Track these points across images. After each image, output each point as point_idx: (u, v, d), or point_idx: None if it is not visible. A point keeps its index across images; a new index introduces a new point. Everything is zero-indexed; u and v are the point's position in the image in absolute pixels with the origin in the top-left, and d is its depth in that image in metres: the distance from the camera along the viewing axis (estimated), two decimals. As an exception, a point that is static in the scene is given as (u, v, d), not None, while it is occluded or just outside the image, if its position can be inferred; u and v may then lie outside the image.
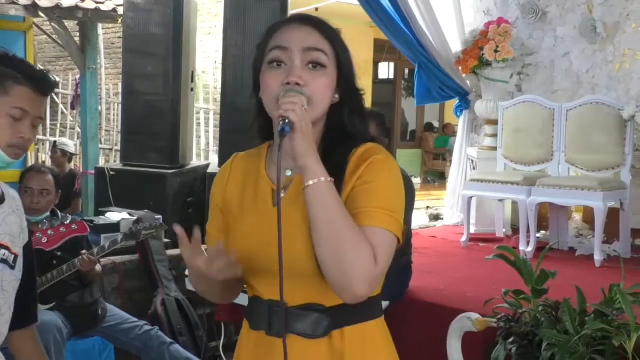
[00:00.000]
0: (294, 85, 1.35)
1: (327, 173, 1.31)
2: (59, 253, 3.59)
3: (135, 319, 3.87)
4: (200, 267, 1.37)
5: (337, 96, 1.43)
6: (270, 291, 1.39)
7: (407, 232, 3.38)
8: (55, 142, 7.61)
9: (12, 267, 1.60)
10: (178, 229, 1.40)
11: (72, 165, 7.59)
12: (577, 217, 5.45)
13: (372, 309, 1.43)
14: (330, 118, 1.44)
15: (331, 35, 1.42)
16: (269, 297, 1.41)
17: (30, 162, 9.24)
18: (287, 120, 1.29)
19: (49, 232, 3.27)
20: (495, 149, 5.30)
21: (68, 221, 3.56)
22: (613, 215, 4.56)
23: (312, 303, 1.38)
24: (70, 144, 7.59)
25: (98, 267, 3.68)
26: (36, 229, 3.37)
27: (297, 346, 1.38)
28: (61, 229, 3.30)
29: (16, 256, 1.62)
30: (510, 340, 2.80)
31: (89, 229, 3.42)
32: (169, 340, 3.83)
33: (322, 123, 1.44)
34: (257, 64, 1.45)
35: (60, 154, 7.19)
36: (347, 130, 1.44)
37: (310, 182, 1.29)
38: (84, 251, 3.54)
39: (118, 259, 4.41)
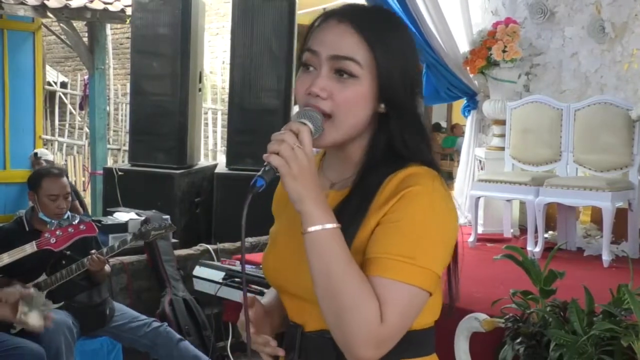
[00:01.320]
0: (314, 97, 1.20)
1: (332, 217, 1.15)
2: (68, 252, 3.61)
3: (143, 317, 3.88)
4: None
5: (382, 106, 1.24)
6: (292, 314, 1.30)
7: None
8: (35, 153, 7.59)
9: None
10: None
11: None
12: (585, 217, 5.43)
13: (410, 345, 1.21)
14: (378, 132, 1.25)
15: (373, 36, 1.20)
16: (291, 319, 1.30)
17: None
18: (267, 168, 1.14)
19: (58, 232, 3.28)
20: (503, 149, 5.30)
21: (76, 221, 3.57)
22: (621, 216, 4.55)
23: (325, 330, 1.20)
24: (50, 153, 7.65)
25: (107, 267, 3.69)
26: (45, 230, 3.39)
27: None
28: (69, 230, 3.31)
29: None
30: (518, 340, 2.79)
31: (97, 230, 3.44)
32: (177, 336, 3.84)
33: (366, 137, 1.26)
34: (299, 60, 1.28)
35: (44, 164, 7.24)
36: (396, 148, 1.24)
37: (308, 230, 1.14)
38: (93, 251, 3.56)
39: (126, 259, 4.42)
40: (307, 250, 1.15)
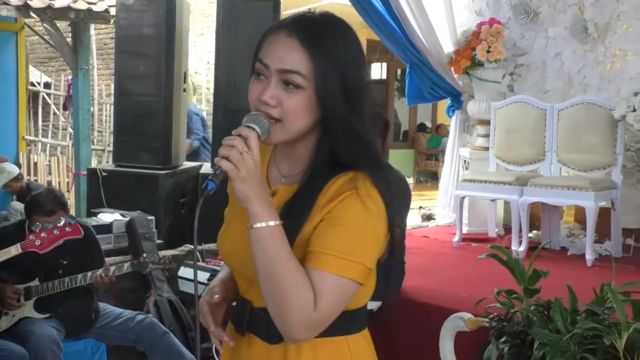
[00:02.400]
0: (264, 104, 1.33)
1: (275, 215, 1.29)
2: (64, 262, 3.60)
3: (127, 312, 3.87)
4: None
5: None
6: (242, 290, 1.46)
7: (401, 234, 3.38)
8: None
9: None
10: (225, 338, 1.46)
11: (24, 181, 7.52)
12: (569, 216, 5.47)
13: (345, 323, 1.37)
14: (322, 136, 1.38)
15: (315, 50, 1.31)
16: (242, 294, 1.47)
17: (23, 162, 9.21)
18: (217, 172, 1.27)
19: (42, 234, 3.25)
20: (487, 149, 5.32)
21: (62, 223, 3.55)
22: (604, 215, 4.58)
23: None
24: (14, 167, 7.47)
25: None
26: (29, 232, 3.36)
27: (255, 349, 1.42)
28: (55, 232, 3.29)
29: None
30: (503, 339, 2.81)
31: (82, 232, 3.42)
32: (163, 329, 3.83)
33: (313, 139, 1.38)
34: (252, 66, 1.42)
35: (14, 182, 7.17)
36: (338, 153, 1.37)
37: (253, 226, 1.27)
38: (99, 271, 3.57)
39: (110, 260, 4.40)
40: (252, 244, 1.28)
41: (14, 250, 3.22)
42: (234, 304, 1.51)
